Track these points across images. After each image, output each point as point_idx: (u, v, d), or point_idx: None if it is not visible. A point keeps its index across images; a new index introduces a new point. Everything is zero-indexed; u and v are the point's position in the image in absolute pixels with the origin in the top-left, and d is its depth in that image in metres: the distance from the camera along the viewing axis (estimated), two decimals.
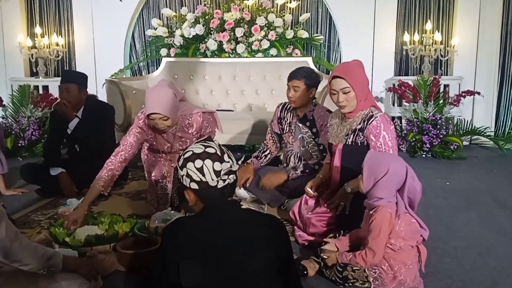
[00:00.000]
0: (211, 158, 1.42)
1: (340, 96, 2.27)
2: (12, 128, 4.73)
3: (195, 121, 2.79)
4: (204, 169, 1.41)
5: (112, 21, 5.53)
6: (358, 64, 2.32)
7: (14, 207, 2.96)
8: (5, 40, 5.71)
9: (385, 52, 5.41)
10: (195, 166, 1.42)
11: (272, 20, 5.08)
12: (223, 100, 4.93)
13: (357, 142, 2.28)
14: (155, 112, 2.53)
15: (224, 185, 1.44)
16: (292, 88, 2.86)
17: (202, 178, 1.42)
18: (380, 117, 2.22)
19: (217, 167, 1.42)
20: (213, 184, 1.42)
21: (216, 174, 1.42)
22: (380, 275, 1.87)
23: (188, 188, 1.46)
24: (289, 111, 3.05)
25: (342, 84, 2.24)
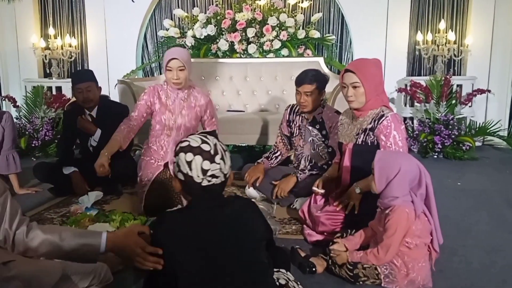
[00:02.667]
0: (203, 156, 1.43)
1: (349, 91, 2.26)
2: (25, 128, 4.80)
3: (203, 97, 2.99)
4: (192, 164, 1.43)
5: (125, 22, 5.58)
6: (375, 62, 2.29)
7: (27, 206, 3.00)
8: (19, 41, 5.80)
9: (398, 52, 5.38)
10: (186, 158, 1.44)
11: (284, 20, 5.07)
12: (234, 100, 4.93)
13: (367, 142, 2.26)
14: (175, 57, 2.77)
15: (208, 184, 1.44)
16: (304, 94, 2.81)
17: (188, 172, 1.44)
18: (391, 117, 2.20)
19: (205, 166, 1.43)
20: (197, 181, 1.44)
21: (203, 172, 1.43)
22: (391, 272, 1.87)
23: (176, 176, 1.50)
24: (298, 114, 3.03)
25: (352, 79, 2.23)
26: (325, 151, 2.90)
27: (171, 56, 2.79)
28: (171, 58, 2.78)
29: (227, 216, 1.47)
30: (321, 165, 2.89)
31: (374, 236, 2.01)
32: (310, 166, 2.93)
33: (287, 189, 2.86)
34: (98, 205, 2.89)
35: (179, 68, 2.79)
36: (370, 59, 2.31)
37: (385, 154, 2.01)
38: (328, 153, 2.88)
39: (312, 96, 2.80)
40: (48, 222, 2.72)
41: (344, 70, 2.28)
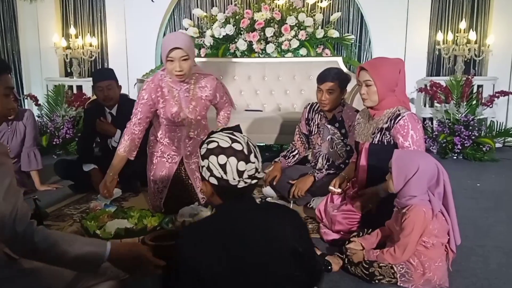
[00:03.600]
0: (237, 157, 1.30)
1: (362, 88, 2.25)
2: (47, 126, 4.89)
3: (209, 83, 2.72)
4: (227, 167, 1.30)
5: (144, 22, 5.65)
6: (393, 61, 2.25)
7: (48, 202, 3.06)
8: (41, 40, 5.90)
9: (418, 52, 5.32)
10: (218, 161, 1.31)
11: (303, 19, 5.07)
12: (252, 100, 4.95)
13: (383, 141, 2.24)
14: (176, 46, 2.43)
15: (245, 186, 1.32)
16: (326, 92, 2.79)
17: (223, 175, 1.31)
18: (407, 116, 2.17)
19: (241, 167, 1.30)
20: (233, 184, 1.31)
21: (239, 174, 1.30)
22: (407, 271, 1.86)
23: (207, 181, 1.36)
24: (317, 112, 3.02)
25: (365, 77, 2.23)
26: (343, 149, 2.89)
27: (173, 45, 2.44)
28: (172, 48, 2.45)
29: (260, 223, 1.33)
30: (338, 164, 2.88)
31: (390, 236, 2.00)
32: (327, 165, 2.93)
33: (305, 188, 2.85)
34: (117, 202, 2.93)
35: (182, 58, 2.47)
36: (389, 58, 2.29)
37: (403, 153, 1.99)
38: (346, 152, 2.87)
39: (333, 94, 2.80)
40: (68, 218, 2.77)
41: (359, 68, 2.28)
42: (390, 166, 1.92)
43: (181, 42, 2.45)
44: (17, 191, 1.37)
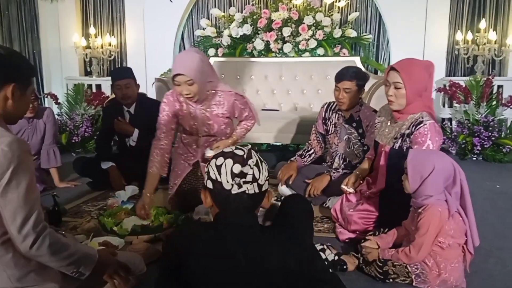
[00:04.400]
0: (234, 159, 1.27)
1: (390, 90, 2.18)
2: (66, 125, 4.97)
3: (226, 100, 2.65)
4: (222, 168, 1.27)
5: (163, 22, 5.69)
6: (426, 64, 2.19)
7: (67, 199, 3.11)
8: (61, 40, 6.00)
9: (436, 51, 5.24)
10: (216, 163, 1.30)
11: (320, 19, 5.05)
12: (268, 99, 4.95)
13: (403, 147, 2.20)
14: (179, 73, 2.42)
15: (239, 192, 1.26)
16: (343, 90, 2.77)
17: (217, 177, 1.28)
18: (429, 125, 2.11)
19: (235, 169, 1.26)
20: (227, 187, 1.26)
21: (232, 176, 1.26)
22: (422, 271, 1.84)
23: (205, 188, 1.34)
24: (334, 111, 3.00)
25: (395, 78, 2.15)
26: (360, 149, 2.87)
27: (177, 70, 2.43)
28: (176, 74, 2.44)
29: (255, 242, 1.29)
30: (355, 163, 2.86)
31: (407, 236, 1.99)
32: (344, 164, 2.91)
33: (321, 187, 2.84)
34: (134, 200, 2.96)
35: (187, 82, 2.44)
36: (421, 61, 2.22)
37: (418, 153, 1.98)
38: (363, 152, 2.85)
39: (350, 93, 2.77)
40: (86, 215, 2.82)
41: (390, 67, 2.21)
42: (405, 166, 1.91)
43: (185, 68, 2.41)
44: (36, 189, 1.41)
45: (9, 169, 1.31)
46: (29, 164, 1.38)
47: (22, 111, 1.52)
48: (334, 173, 2.88)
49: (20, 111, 1.50)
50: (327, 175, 2.88)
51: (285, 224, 1.77)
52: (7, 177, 1.31)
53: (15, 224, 1.33)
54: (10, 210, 1.33)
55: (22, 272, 1.40)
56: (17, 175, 1.32)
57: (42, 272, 1.44)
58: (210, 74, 2.61)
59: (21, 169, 1.33)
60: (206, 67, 2.54)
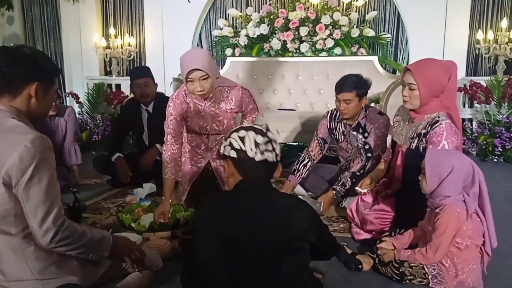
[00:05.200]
0: (255, 131, 1.47)
1: (405, 90, 2.18)
2: (87, 123, 5.06)
3: (234, 94, 2.61)
4: (245, 139, 1.46)
5: (181, 22, 5.74)
6: (445, 64, 2.15)
7: (87, 195, 3.18)
8: (83, 41, 6.11)
9: (457, 51, 5.17)
10: (239, 135, 1.47)
11: (338, 18, 5.03)
12: (285, 99, 4.95)
13: (419, 147, 2.18)
14: (194, 67, 2.34)
15: (262, 159, 1.45)
16: (343, 102, 2.73)
17: (241, 146, 1.45)
18: (445, 125, 2.09)
19: (258, 140, 1.46)
20: (251, 155, 1.44)
21: (256, 145, 1.45)
22: (439, 272, 1.83)
23: (228, 157, 1.49)
24: (339, 120, 2.95)
25: (409, 79, 2.14)
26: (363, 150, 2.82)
27: (191, 66, 2.35)
28: (191, 70, 2.36)
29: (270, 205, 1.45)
30: (358, 172, 2.78)
31: (423, 236, 1.97)
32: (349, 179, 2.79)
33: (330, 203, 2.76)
34: (152, 197, 3.00)
35: (202, 78, 2.37)
36: (440, 61, 2.18)
37: (436, 152, 1.96)
38: (364, 150, 2.79)
39: (351, 103, 2.73)
40: (105, 211, 2.87)
41: (405, 68, 2.20)
42: (423, 166, 1.89)
43: (199, 63, 2.35)
44: (57, 185, 1.44)
45: (32, 165, 1.35)
46: (51, 161, 1.42)
47: (45, 109, 1.56)
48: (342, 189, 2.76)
49: (43, 109, 1.54)
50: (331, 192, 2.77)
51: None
52: (29, 173, 1.35)
53: (36, 218, 1.37)
54: (31, 205, 1.37)
55: (43, 264, 1.44)
56: (39, 171, 1.36)
57: (62, 265, 1.48)
58: (218, 70, 2.62)
59: (43, 165, 1.37)
60: (214, 60, 2.53)
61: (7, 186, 1.36)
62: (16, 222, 1.40)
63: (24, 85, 1.45)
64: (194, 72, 2.36)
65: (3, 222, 1.39)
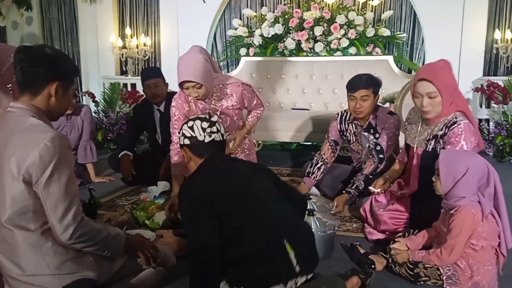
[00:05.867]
0: (200, 119, 1.79)
1: (425, 100, 2.12)
2: (102, 122, 5.11)
3: (234, 91, 2.68)
4: (194, 127, 1.77)
5: (196, 22, 5.78)
6: (446, 65, 2.14)
7: (102, 193, 3.21)
8: (99, 41, 6.18)
9: (474, 50, 5.11)
10: (187, 125, 1.79)
11: (353, 18, 5.01)
12: (299, 99, 4.94)
13: (436, 149, 2.15)
14: (187, 80, 2.44)
15: (210, 140, 1.76)
16: (360, 99, 2.70)
17: (192, 133, 1.76)
18: (463, 125, 2.07)
19: (204, 125, 1.77)
20: (200, 139, 1.75)
21: (203, 129, 1.76)
22: (454, 273, 1.81)
23: (184, 146, 1.79)
24: (349, 122, 2.93)
25: (428, 88, 2.09)
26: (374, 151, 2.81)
27: (183, 77, 2.45)
28: (183, 81, 2.46)
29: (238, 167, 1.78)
30: (370, 174, 2.76)
31: (437, 237, 1.95)
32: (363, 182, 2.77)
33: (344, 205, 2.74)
34: (165, 195, 3.03)
35: (195, 86, 2.48)
36: (440, 62, 2.17)
37: (450, 153, 1.94)
38: (376, 151, 2.77)
39: (368, 100, 2.71)
40: (120, 208, 2.90)
41: (418, 79, 2.14)
42: (437, 167, 1.87)
43: (191, 74, 2.43)
44: (75, 182, 1.48)
45: (52, 163, 1.38)
46: (70, 159, 1.46)
47: (63, 108, 1.59)
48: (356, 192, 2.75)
49: (61, 108, 1.57)
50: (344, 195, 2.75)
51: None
52: (49, 171, 1.38)
53: (56, 215, 1.40)
54: (52, 202, 1.39)
55: (60, 260, 1.47)
56: (58, 169, 1.39)
57: (79, 261, 1.51)
58: (214, 70, 2.64)
59: (62, 163, 1.40)
60: (210, 66, 2.56)
61: (27, 184, 1.39)
62: (34, 218, 1.43)
63: (45, 85, 1.48)
64: (187, 82, 2.47)
65: (22, 218, 1.42)
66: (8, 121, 1.47)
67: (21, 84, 1.50)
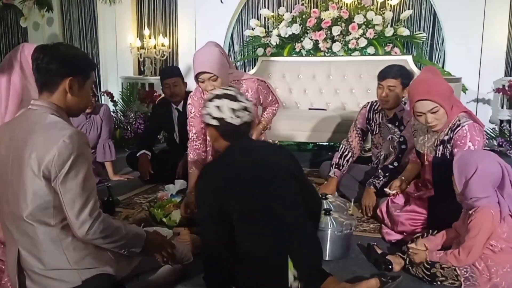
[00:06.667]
0: (229, 98, 1.65)
1: (429, 117, 2.10)
2: (120, 121, 5.17)
3: (250, 86, 2.63)
4: (223, 108, 1.64)
5: (213, 22, 5.80)
6: (434, 73, 2.14)
7: (120, 191, 3.25)
8: (118, 41, 6.25)
9: (495, 50, 5.01)
10: (215, 104, 1.65)
11: (371, 18, 4.97)
12: (316, 99, 4.92)
13: (445, 154, 2.14)
14: (203, 71, 2.41)
15: (241, 122, 1.64)
16: (387, 88, 2.72)
17: (220, 115, 1.63)
18: (467, 126, 2.06)
19: (233, 106, 1.64)
20: (229, 121, 1.63)
21: (233, 111, 1.63)
22: (472, 275, 1.78)
23: (210, 125, 1.68)
24: (377, 111, 2.94)
25: (428, 106, 2.08)
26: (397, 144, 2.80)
27: (199, 69, 2.42)
28: (200, 72, 2.43)
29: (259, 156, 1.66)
30: (390, 164, 2.76)
31: (456, 238, 1.93)
32: (382, 171, 2.79)
33: (372, 203, 2.71)
34: (182, 193, 3.04)
35: (211, 78, 2.43)
36: (428, 75, 2.15)
37: (464, 153, 1.93)
38: (399, 143, 2.77)
39: (394, 91, 2.72)
40: (137, 206, 2.93)
41: (414, 102, 2.12)
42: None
43: (207, 65, 2.41)
44: (93, 179, 1.49)
45: (69, 160, 1.40)
46: (88, 156, 1.47)
47: (82, 104, 1.60)
48: (378, 182, 2.75)
49: (80, 104, 1.58)
50: (370, 188, 2.76)
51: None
52: (67, 167, 1.40)
53: (73, 211, 1.42)
54: (69, 198, 1.41)
55: (79, 255, 1.49)
56: (76, 166, 1.41)
57: (98, 256, 1.53)
58: (230, 66, 2.63)
59: (80, 160, 1.42)
60: (226, 60, 2.54)
61: (47, 180, 1.42)
62: (55, 214, 1.45)
63: (59, 81, 1.50)
64: (202, 74, 2.42)
65: (43, 214, 1.45)
66: (29, 119, 1.50)
67: (38, 82, 1.52)
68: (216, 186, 1.57)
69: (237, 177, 1.59)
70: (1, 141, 1.51)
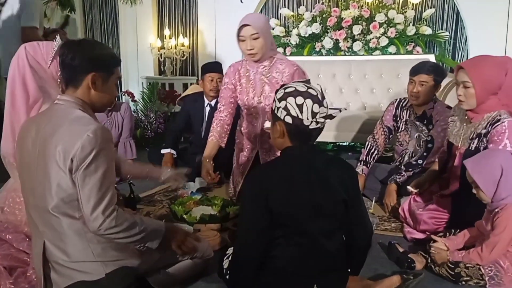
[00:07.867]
0: (313, 99, 1.45)
1: (460, 89, 2.09)
2: (141, 121, 5.22)
3: (288, 67, 2.58)
4: (303, 107, 1.44)
5: (233, 22, 5.70)
6: (500, 61, 2.05)
7: (141, 188, 3.27)
8: (139, 41, 6.32)
9: None
10: (296, 102, 1.45)
11: (393, 16, 4.92)
12: (336, 98, 4.89)
13: (479, 148, 2.08)
14: (247, 23, 2.39)
15: (316, 127, 1.47)
16: (418, 83, 2.69)
17: (299, 114, 1.45)
18: (507, 123, 1.99)
19: (315, 109, 1.45)
20: (306, 123, 1.45)
21: (313, 115, 1.45)
22: (496, 274, 1.75)
23: (281, 121, 1.49)
24: (405, 108, 2.91)
25: (463, 77, 2.06)
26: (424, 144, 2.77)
27: (243, 22, 2.41)
28: (242, 25, 2.42)
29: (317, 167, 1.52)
30: (414, 161, 2.75)
31: (479, 237, 1.89)
32: (405, 167, 2.79)
33: (394, 200, 2.69)
34: (202, 191, 3.06)
35: (252, 36, 2.40)
36: (495, 57, 2.09)
37: (477, 159, 1.87)
38: (425, 142, 2.74)
39: (425, 86, 2.68)
40: (158, 204, 2.95)
41: (458, 67, 2.12)
42: (471, 180, 1.82)
43: (251, 20, 2.41)
44: (113, 176, 1.50)
45: (91, 154, 1.41)
46: (110, 151, 1.48)
47: (106, 99, 1.62)
48: (400, 178, 2.74)
49: (104, 99, 1.60)
50: (391, 185, 2.74)
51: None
52: (87, 161, 1.41)
53: (88, 205, 1.42)
54: (85, 192, 1.42)
55: (103, 247, 1.51)
56: (97, 161, 1.42)
57: (122, 249, 1.54)
58: (273, 42, 2.64)
59: (101, 155, 1.43)
60: (270, 32, 2.56)
61: (71, 173, 1.43)
62: (79, 207, 1.46)
63: (83, 77, 1.52)
64: (244, 28, 2.41)
65: (68, 206, 1.46)
66: (56, 113, 1.52)
67: (63, 78, 1.55)
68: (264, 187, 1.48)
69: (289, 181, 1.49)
70: (27, 135, 1.53)
